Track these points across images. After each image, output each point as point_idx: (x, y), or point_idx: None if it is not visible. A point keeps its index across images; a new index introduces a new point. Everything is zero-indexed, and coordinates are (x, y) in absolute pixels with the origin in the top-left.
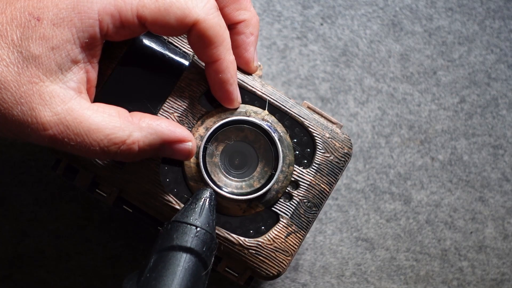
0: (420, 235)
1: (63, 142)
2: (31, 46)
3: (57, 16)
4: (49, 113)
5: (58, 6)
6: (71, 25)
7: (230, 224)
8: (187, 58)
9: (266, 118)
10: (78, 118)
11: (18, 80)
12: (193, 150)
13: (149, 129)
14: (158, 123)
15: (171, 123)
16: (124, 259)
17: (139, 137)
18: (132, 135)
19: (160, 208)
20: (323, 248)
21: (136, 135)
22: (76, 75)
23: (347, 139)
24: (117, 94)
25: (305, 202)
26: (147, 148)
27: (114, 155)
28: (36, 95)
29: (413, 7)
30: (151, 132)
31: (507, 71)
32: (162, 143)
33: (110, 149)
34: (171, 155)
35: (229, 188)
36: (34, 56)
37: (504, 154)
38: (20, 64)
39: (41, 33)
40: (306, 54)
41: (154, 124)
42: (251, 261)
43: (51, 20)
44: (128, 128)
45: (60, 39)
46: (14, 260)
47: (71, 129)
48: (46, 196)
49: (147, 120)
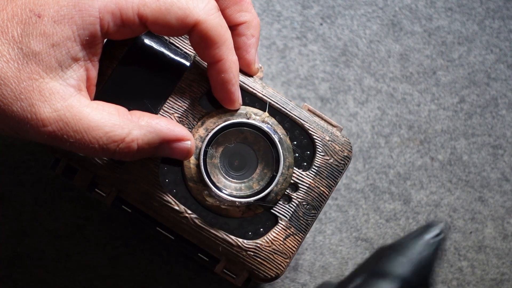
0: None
1: (62, 139)
2: (31, 42)
3: (58, 13)
4: (49, 109)
5: (59, 3)
6: (72, 22)
7: (228, 226)
8: (188, 58)
9: (267, 120)
10: (77, 115)
11: (18, 76)
12: (192, 149)
13: (148, 127)
14: (157, 121)
15: (170, 121)
16: (124, 259)
17: (138, 135)
18: (131, 133)
19: (158, 208)
20: (322, 248)
21: (135, 133)
22: (76, 73)
23: (347, 142)
24: (118, 93)
25: (304, 205)
26: (146, 146)
27: (112, 153)
28: (36, 91)
29: (412, 7)
30: (150, 131)
31: (506, 71)
32: (161, 141)
33: (109, 146)
34: (170, 154)
35: (228, 190)
36: (34, 53)
37: (503, 154)
38: (20, 60)
39: (41, 30)
40: (305, 54)
41: (153, 122)
42: (249, 263)
43: (52, 17)
44: (128, 126)
45: (60, 36)
46: (14, 260)
47: (71, 126)
48: (45, 196)
49: (146, 119)
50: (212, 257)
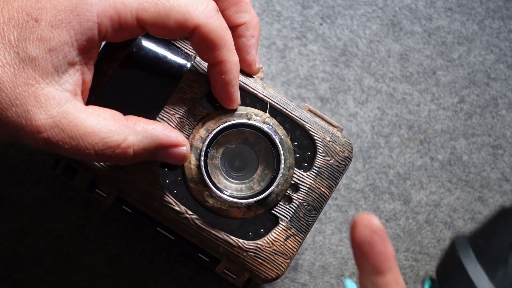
0: (419, 235)
1: (58, 145)
2: (28, 47)
3: (55, 17)
4: (44, 115)
5: (56, 8)
6: (70, 27)
7: (229, 226)
8: (189, 59)
9: (267, 120)
10: (73, 121)
11: (14, 81)
12: (187, 154)
13: (144, 133)
14: (153, 127)
15: (166, 127)
16: (123, 259)
17: (134, 141)
18: (127, 139)
19: (159, 209)
20: (322, 248)
21: (131, 139)
22: (72, 77)
23: (348, 142)
24: (118, 95)
25: (304, 206)
26: (142, 152)
27: (108, 159)
28: (31, 97)
29: (412, 7)
30: (146, 136)
31: (506, 71)
32: (157, 147)
33: (105, 152)
34: (165, 159)
35: (229, 191)
36: (30, 58)
37: (503, 154)
38: (16, 65)
39: (38, 34)
40: (305, 54)
41: (149, 128)
42: (250, 264)
43: (49, 22)
44: (124, 132)
45: (58, 41)
46: (14, 260)
47: (66, 132)
48: (45, 196)
49: (142, 124)
50: (212, 258)
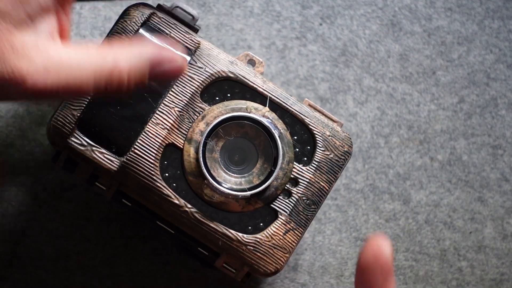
0: (419, 235)
1: (45, 91)
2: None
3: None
4: (26, 63)
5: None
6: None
7: (228, 220)
8: (188, 52)
9: (267, 114)
10: (56, 61)
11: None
12: (184, 65)
13: (133, 53)
14: (141, 46)
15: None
16: (123, 259)
17: (124, 64)
18: (117, 65)
19: (158, 202)
20: (322, 248)
21: (122, 64)
22: (48, 24)
23: (348, 137)
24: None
25: (304, 200)
26: (136, 73)
27: (104, 89)
28: (8, 48)
29: (412, 7)
30: (136, 56)
31: (506, 71)
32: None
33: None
34: (162, 75)
35: (228, 184)
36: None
37: (503, 154)
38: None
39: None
40: (305, 54)
41: (137, 48)
42: (249, 257)
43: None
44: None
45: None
46: (13, 260)
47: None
48: (45, 196)
49: (128, 47)
50: (212, 252)
